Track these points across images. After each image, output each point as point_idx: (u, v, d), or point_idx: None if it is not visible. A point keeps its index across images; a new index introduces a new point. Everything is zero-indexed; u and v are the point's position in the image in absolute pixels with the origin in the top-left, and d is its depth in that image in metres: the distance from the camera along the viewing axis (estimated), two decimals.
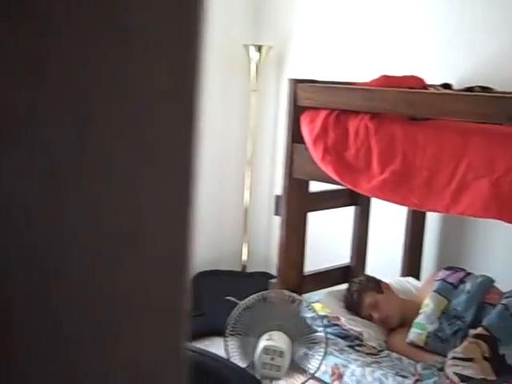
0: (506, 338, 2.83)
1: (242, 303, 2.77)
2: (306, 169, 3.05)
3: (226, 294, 4.68)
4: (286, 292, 2.84)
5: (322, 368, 2.83)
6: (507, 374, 2.71)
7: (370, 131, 2.72)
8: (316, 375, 2.80)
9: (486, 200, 2.35)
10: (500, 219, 2.37)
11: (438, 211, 2.60)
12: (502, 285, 3.13)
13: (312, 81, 3.11)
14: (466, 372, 2.71)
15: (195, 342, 4.37)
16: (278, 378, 2.50)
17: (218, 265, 4.91)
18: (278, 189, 3.21)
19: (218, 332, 4.44)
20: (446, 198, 2.49)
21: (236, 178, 4.92)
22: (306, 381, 2.77)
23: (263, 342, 2.59)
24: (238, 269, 4.91)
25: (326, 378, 2.92)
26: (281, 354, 2.50)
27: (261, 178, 4.90)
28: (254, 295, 2.79)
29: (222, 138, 4.86)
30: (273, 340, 2.57)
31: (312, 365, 2.81)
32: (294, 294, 2.84)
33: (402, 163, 2.62)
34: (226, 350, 2.85)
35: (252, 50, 4.55)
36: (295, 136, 3.05)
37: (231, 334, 2.81)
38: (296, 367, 2.80)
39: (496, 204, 2.34)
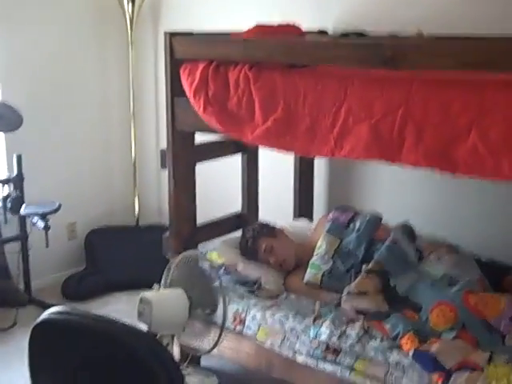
0: (396, 270, 2.94)
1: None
2: (190, 121, 3.00)
3: (120, 249, 4.63)
4: (185, 253, 2.85)
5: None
6: (399, 303, 2.82)
7: (250, 80, 2.69)
8: (218, 322, 2.81)
9: (367, 143, 2.40)
10: (381, 160, 2.43)
11: (324, 156, 2.63)
12: (390, 221, 3.23)
13: (188, 33, 3.04)
14: (361, 306, 2.81)
15: (95, 299, 4.32)
16: (149, 327, 2.60)
17: (111, 220, 4.84)
18: (165, 142, 3.17)
19: (116, 287, 4.42)
20: (329, 144, 2.51)
21: (121, 133, 4.81)
22: (219, 336, 2.77)
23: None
24: (132, 223, 4.87)
25: (228, 325, 2.96)
26: (150, 304, 2.58)
27: (147, 131, 4.81)
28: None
29: (102, 93, 4.72)
30: (152, 291, 2.64)
31: (217, 316, 2.83)
32: (188, 251, 2.85)
33: (285, 111, 2.62)
34: None
35: (125, 1, 4.41)
36: (176, 89, 2.99)
37: None
38: (206, 321, 2.82)
39: (376, 146, 2.38)
